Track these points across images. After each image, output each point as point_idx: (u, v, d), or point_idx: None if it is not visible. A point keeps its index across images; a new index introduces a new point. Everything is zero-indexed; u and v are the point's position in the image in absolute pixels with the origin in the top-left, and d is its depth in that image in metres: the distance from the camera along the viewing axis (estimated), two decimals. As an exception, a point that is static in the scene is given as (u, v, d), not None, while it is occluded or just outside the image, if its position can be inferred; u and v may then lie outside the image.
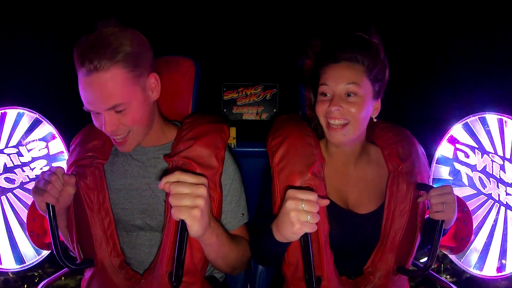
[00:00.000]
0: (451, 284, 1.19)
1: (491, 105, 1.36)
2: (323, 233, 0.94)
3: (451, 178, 1.39)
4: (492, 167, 1.33)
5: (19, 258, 1.37)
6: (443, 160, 1.41)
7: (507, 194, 1.29)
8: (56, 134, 1.45)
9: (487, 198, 1.34)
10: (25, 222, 1.27)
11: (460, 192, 1.35)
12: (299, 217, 0.76)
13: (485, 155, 1.34)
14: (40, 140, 1.43)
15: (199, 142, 0.98)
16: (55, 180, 0.91)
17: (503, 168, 1.30)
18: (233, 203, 1.03)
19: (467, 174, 1.39)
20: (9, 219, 1.38)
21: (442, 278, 1.24)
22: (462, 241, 1.27)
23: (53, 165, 1.44)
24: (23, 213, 1.37)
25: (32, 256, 1.38)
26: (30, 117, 1.42)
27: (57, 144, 1.46)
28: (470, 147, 1.37)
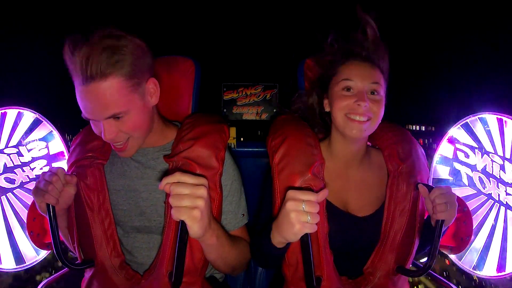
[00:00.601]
0: (451, 284, 1.19)
1: (491, 105, 1.36)
2: (323, 233, 0.94)
3: (451, 178, 1.39)
4: (492, 167, 1.32)
5: (19, 258, 1.37)
6: (443, 160, 1.41)
7: (507, 194, 1.29)
8: (56, 134, 1.45)
9: (487, 198, 1.34)
10: (25, 222, 1.27)
11: (460, 192, 1.35)
12: (299, 217, 0.76)
13: (485, 155, 1.34)
14: (40, 140, 1.43)
15: (199, 142, 0.98)
16: (55, 180, 0.91)
17: (503, 168, 1.30)
18: (233, 204, 1.03)
19: (467, 174, 1.39)
20: (9, 219, 1.38)
21: (442, 278, 1.24)
22: (462, 241, 1.27)
23: (53, 165, 1.44)
24: (23, 213, 1.37)
25: (32, 256, 1.38)
26: (30, 117, 1.42)
27: (57, 144, 1.46)
28: (470, 147, 1.37)
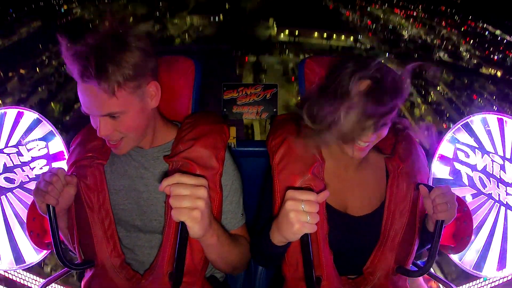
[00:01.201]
0: (451, 284, 1.19)
1: (491, 105, 1.35)
2: (322, 233, 0.95)
3: (451, 178, 1.39)
4: (492, 167, 1.32)
5: (19, 258, 1.37)
6: (443, 160, 1.41)
7: (507, 194, 1.29)
8: (56, 134, 1.45)
9: (487, 198, 1.34)
10: (25, 222, 1.26)
11: (460, 192, 1.35)
12: (298, 217, 0.76)
13: (485, 155, 1.34)
14: (40, 139, 1.43)
15: (199, 142, 0.98)
16: (56, 181, 0.91)
17: (503, 168, 1.30)
18: (233, 204, 1.03)
19: (467, 174, 1.39)
20: (9, 219, 1.38)
21: (442, 278, 1.24)
22: (462, 241, 1.27)
23: (53, 165, 1.44)
24: (23, 213, 1.37)
25: (32, 256, 1.38)
26: (30, 117, 1.42)
27: (57, 144, 1.45)
28: (470, 147, 1.37)
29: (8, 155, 1.39)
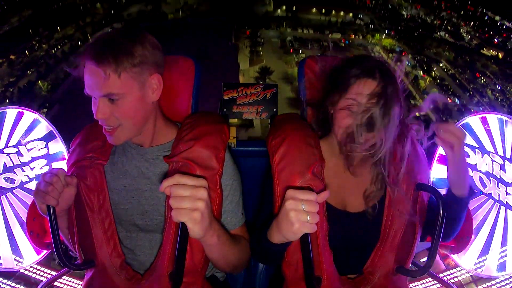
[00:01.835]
0: (451, 284, 1.19)
1: (491, 105, 1.35)
2: (322, 233, 0.94)
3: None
4: (492, 167, 1.32)
5: (19, 258, 1.37)
6: (443, 160, 1.41)
7: (507, 194, 1.29)
8: (56, 134, 1.45)
9: (487, 198, 1.34)
10: (25, 222, 1.27)
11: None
12: (298, 217, 0.76)
13: (486, 154, 1.34)
14: (39, 139, 1.43)
15: (199, 143, 0.98)
16: (56, 181, 0.91)
17: (503, 168, 1.29)
18: (233, 203, 1.04)
19: (467, 174, 1.39)
20: (9, 219, 1.38)
21: (442, 278, 1.24)
22: (462, 241, 1.27)
23: (53, 165, 1.44)
24: (23, 213, 1.37)
25: (32, 256, 1.38)
26: (30, 117, 1.42)
27: (56, 144, 1.46)
28: (470, 146, 1.37)
29: (8, 155, 1.39)
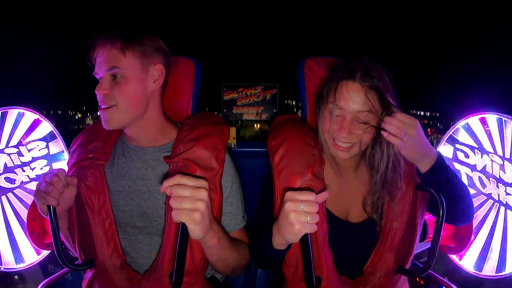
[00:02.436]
0: (451, 284, 1.19)
1: (491, 105, 1.36)
2: (322, 233, 0.94)
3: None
4: (492, 167, 1.33)
5: (19, 258, 1.37)
6: (443, 160, 1.41)
7: (507, 194, 1.29)
8: (56, 134, 1.45)
9: (487, 198, 1.34)
10: (25, 222, 1.27)
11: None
12: (298, 218, 0.76)
13: (485, 155, 1.34)
14: (40, 140, 1.43)
15: (199, 143, 0.98)
16: (56, 181, 0.91)
17: (502, 168, 1.30)
18: (233, 205, 1.04)
19: (467, 174, 1.39)
20: (9, 219, 1.38)
21: (442, 278, 1.24)
22: (462, 241, 1.27)
23: (53, 165, 1.44)
24: (23, 213, 1.37)
25: (32, 256, 1.38)
26: (30, 117, 1.42)
27: (57, 144, 1.46)
28: (470, 147, 1.38)
29: (8, 155, 1.39)
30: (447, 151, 1.44)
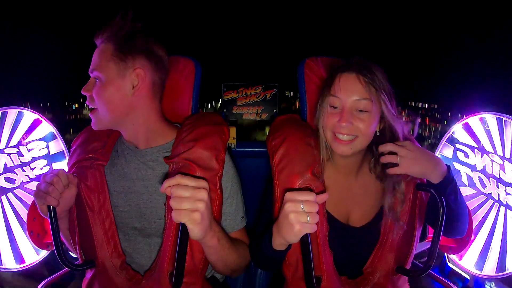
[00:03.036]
0: (451, 284, 1.19)
1: (491, 105, 1.36)
2: (322, 233, 0.94)
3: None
4: (491, 167, 1.33)
5: (19, 258, 1.37)
6: (443, 160, 1.41)
7: (507, 193, 1.29)
8: (56, 134, 1.45)
9: (486, 198, 1.34)
10: (25, 222, 1.27)
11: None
12: (298, 218, 0.76)
13: (485, 155, 1.34)
14: (40, 140, 1.43)
15: (199, 144, 0.98)
16: (56, 182, 0.91)
17: (502, 168, 1.30)
18: (233, 206, 1.04)
19: (467, 174, 1.39)
20: (9, 219, 1.38)
21: (442, 277, 1.25)
22: (462, 241, 1.27)
23: (53, 165, 1.45)
24: (23, 213, 1.37)
25: (32, 256, 1.38)
26: (30, 117, 1.42)
27: (57, 144, 1.46)
28: (470, 147, 1.38)
29: (8, 155, 1.39)
30: (447, 150, 1.44)
